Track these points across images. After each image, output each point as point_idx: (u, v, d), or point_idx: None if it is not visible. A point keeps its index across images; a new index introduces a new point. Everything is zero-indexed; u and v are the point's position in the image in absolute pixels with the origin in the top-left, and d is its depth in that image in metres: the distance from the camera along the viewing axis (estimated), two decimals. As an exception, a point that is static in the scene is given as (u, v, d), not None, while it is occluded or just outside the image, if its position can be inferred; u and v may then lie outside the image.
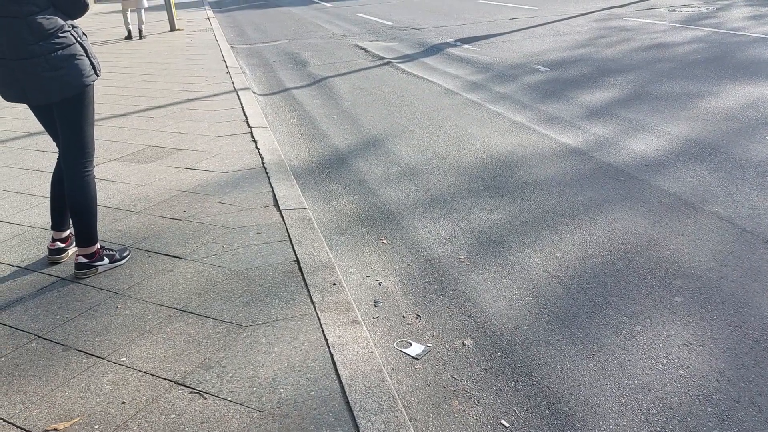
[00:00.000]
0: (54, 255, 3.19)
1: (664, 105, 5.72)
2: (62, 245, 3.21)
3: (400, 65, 8.48)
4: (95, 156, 4.94)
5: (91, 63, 2.88)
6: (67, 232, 3.23)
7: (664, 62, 7.50)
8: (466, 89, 6.88)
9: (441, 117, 5.86)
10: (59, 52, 2.74)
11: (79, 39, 2.84)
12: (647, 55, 7.96)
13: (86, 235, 2.99)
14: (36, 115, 3.02)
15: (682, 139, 4.78)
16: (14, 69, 2.71)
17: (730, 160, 4.30)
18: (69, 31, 2.80)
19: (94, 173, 3.01)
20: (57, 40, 2.73)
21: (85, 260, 3.01)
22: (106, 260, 3.07)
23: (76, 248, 3.27)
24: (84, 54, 2.84)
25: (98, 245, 3.06)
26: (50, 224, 3.20)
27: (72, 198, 2.95)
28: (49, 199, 3.16)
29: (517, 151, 4.80)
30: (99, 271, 3.04)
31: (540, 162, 4.53)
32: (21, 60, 2.69)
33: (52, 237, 3.20)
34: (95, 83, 8.06)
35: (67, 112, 2.85)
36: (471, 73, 7.69)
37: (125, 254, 3.16)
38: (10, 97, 2.82)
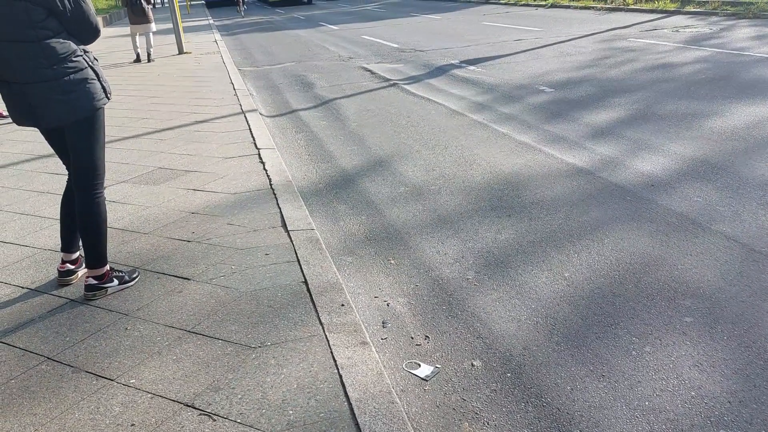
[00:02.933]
0: (64, 277, 3.21)
1: (669, 125, 5.74)
2: (72, 267, 3.23)
3: (406, 87, 8.56)
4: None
5: (102, 87, 2.93)
6: (77, 253, 3.26)
7: (669, 82, 7.54)
8: (471, 110, 6.93)
9: (447, 138, 5.90)
10: (71, 76, 2.79)
11: (90, 63, 2.89)
12: (651, 76, 8.01)
13: (96, 256, 3.01)
14: (47, 139, 3.07)
15: (688, 159, 4.79)
16: (27, 93, 2.76)
17: (737, 179, 4.31)
18: (81, 55, 2.85)
19: (105, 195, 3.04)
20: (70, 65, 2.79)
21: (95, 282, 3.03)
22: (116, 282, 3.09)
23: (86, 270, 3.30)
24: (95, 78, 2.90)
25: (108, 267, 3.08)
26: (60, 246, 3.22)
27: (82, 219, 2.98)
28: (59, 220, 3.19)
29: (524, 171, 4.82)
30: (109, 293, 3.06)
31: (546, 182, 4.54)
32: (34, 84, 2.74)
33: (62, 258, 3.22)
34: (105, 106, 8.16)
35: (78, 135, 2.90)
36: (476, 94, 7.75)
37: (134, 276, 3.18)
38: (22, 121, 2.86)
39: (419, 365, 2.60)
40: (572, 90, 7.52)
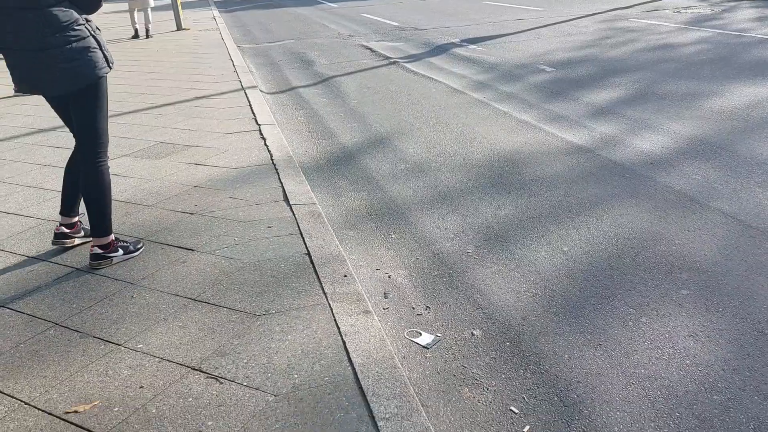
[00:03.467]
0: (58, 239, 3.26)
1: (669, 104, 5.76)
2: (67, 231, 3.27)
3: (406, 65, 8.54)
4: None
5: (104, 56, 2.94)
6: (75, 219, 3.29)
7: (669, 63, 7.53)
8: (472, 88, 6.93)
9: (448, 115, 5.91)
10: (74, 44, 2.80)
11: (93, 32, 2.90)
12: (652, 56, 8.00)
13: (101, 225, 3.05)
14: (52, 107, 3.09)
15: (688, 138, 4.82)
16: (31, 60, 2.77)
17: (735, 158, 4.34)
18: (83, 24, 2.86)
19: (109, 165, 3.06)
20: (72, 33, 2.79)
21: (100, 251, 3.06)
22: (121, 252, 3.13)
23: (81, 237, 3.34)
24: (98, 47, 2.91)
25: (113, 236, 3.12)
26: (59, 210, 3.27)
27: (87, 189, 3.02)
28: (62, 186, 3.23)
29: (524, 149, 4.84)
30: (114, 262, 3.10)
31: (546, 160, 4.57)
32: (37, 51, 2.75)
33: (60, 222, 3.26)
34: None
35: (81, 103, 2.92)
36: (477, 72, 7.74)
37: (139, 246, 3.22)
38: (26, 89, 2.88)
39: (420, 334, 2.65)
40: (573, 69, 7.51)
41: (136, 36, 12.45)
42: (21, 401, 2.16)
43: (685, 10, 12.12)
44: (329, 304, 2.67)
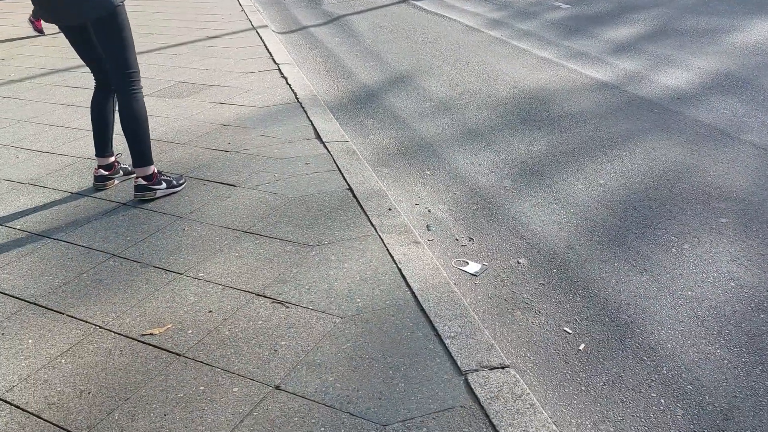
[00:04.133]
0: (99, 182, 3.28)
1: (690, 40, 5.71)
2: (106, 173, 3.29)
3: (416, 3, 8.36)
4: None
5: None
6: (111, 159, 3.31)
7: (687, -1, 7.42)
8: (488, 26, 6.82)
9: (467, 53, 5.85)
10: None
11: None
12: (669, -8, 7.86)
13: (141, 154, 3.08)
14: (71, 41, 3.07)
15: (712, 73, 4.81)
16: None
17: (762, 92, 4.35)
18: None
19: (143, 93, 3.07)
20: None
21: (144, 182, 3.10)
22: (164, 185, 3.16)
23: (121, 176, 3.38)
24: None
25: (155, 168, 3.14)
26: (94, 152, 3.29)
27: (125, 120, 3.04)
28: (91, 126, 3.24)
29: (548, 85, 4.83)
30: (157, 195, 3.14)
31: (572, 96, 4.57)
32: None
33: (97, 164, 3.29)
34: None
35: (105, 35, 2.91)
36: (490, 10, 7.60)
37: (182, 182, 3.25)
38: (49, 17, 2.91)
39: (467, 263, 2.73)
40: (588, 6, 7.39)
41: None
42: (95, 325, 2.24)
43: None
44: (379, 236, 2.73)
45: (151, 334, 2.17)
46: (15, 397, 1.93)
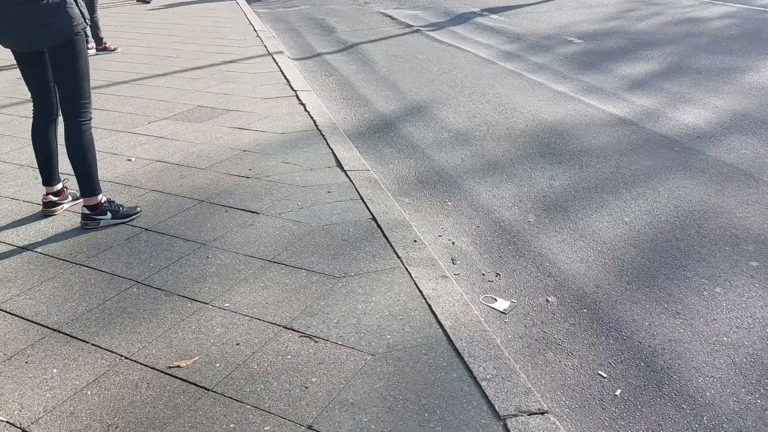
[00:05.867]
0: (48, 207, 3.27)
1: (706, 78, 5.75)
2: (54, 198, 3.28)
3: (429, 33, 8.44)
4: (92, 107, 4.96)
5: (80, 11, 2.95)
6: (59, 185, 3.30)
7: (699, 37, 7.49)
8: (502, 59, 6.88)
9: (483, 85, 5.88)
10: (50, 0, 2.80)
11: None
12: (680, 30, 7.94)
13: (87, 185, 3.07)
14: (22, 65, 3.04)
15: (730, 112, 4.82)
16: (9, 14, 2.79)
17: (781, 134, 4.36)
18: None
19: (92, 124, 3.07)
20: None
21: (88, 212, 3.09)
22: (109, 215, 3.12)
23: (70, 202, 3.37)
24: (73, 3, 2.93)
25: (102, 198, 3.12)
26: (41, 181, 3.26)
27: (71, 147, 3.03)
28: (35, 156, 3.21)
29: (566, 120, 4.84)
30: (101, 225, 3.10)
31: (591, 131, 4.57)
32: (14, 6, 2.77)
33: (45, 191, 3.27)
34: (118, 51, 7.99)
35: (61, 61, 2.92)
36: (503, 42, 7.67)
37: (134, 213, 3.20)
38: (4, 42, 2.92)
39: (495, 299, 2.69)
40: (602, 41, 7.46)
41: (145, 0, 12.20)
42: (121, 356, 2.19)
43: (705, -15, 11.98)
44: (406, 268, 2.69)
45: (178, 366, 2.12)
46: (41, 430, 1.87)
